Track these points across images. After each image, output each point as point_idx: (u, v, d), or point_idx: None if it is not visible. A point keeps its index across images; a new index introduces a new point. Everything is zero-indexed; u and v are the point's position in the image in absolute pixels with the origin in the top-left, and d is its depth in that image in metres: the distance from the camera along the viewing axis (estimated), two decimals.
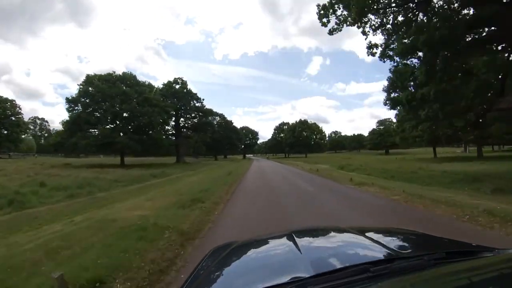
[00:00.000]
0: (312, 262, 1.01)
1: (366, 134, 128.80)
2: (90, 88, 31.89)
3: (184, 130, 46.60)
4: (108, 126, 31.54)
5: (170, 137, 44.77)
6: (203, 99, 45.70)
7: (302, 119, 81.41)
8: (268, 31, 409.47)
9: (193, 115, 46.40)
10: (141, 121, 29.53)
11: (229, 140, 65.84)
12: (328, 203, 8.28)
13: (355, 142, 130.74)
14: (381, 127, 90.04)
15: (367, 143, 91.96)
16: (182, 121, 46.22)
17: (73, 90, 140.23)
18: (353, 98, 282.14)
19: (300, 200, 8.87)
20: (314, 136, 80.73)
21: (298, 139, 75.60)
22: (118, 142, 28.02)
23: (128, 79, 34.75)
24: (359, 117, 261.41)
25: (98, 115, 30.83)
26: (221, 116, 66.29)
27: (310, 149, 78.31)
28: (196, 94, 44.72)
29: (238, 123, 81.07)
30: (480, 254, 1.09)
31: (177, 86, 43.47)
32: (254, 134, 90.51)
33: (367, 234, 1.34)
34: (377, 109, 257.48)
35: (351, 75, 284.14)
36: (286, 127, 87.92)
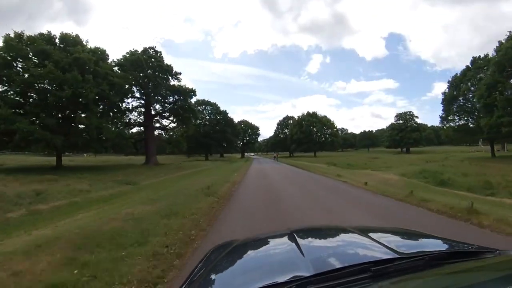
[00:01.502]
0: (313, 261, 0.98)
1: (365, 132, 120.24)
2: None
3: (158, 119, 34.57)
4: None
5: (138, 128, 33.11)
6: (180, 73, 32.70)
7: (310, 112, 68.65)
8: (268, 28, 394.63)
9: (171, 99, 34.06)
10: (60, 96, 17.57)
11: (224, 135, 53.59)
12: None
13: (366, 140, 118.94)
14: (401, 122, 78.90)
15: (385, 139, 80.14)
16: (157, 107, 34.28)
17: None
18: (354, 96, 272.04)
19: None
20: (324, 132, 68.33)
21: (307, 135, 62.88)
22: (17, 130, 16.27)
23: (69, 42, 23.05)
24: (360, 115, 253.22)
25: (2, 88, 19.24)
26: (214, 105, 54.02)
27: (322, 147, 65.87)
28: (171, 66, 31.47)
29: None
30: (481, 255, 1.06)
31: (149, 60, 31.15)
32: (254, 130, 77.46)
33: (368, 233, 1.28)
34: (377, 108, 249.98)
35: (351, 74, 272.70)
36: (291, 121, 75.75)
